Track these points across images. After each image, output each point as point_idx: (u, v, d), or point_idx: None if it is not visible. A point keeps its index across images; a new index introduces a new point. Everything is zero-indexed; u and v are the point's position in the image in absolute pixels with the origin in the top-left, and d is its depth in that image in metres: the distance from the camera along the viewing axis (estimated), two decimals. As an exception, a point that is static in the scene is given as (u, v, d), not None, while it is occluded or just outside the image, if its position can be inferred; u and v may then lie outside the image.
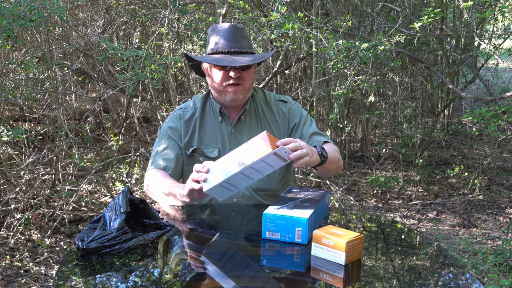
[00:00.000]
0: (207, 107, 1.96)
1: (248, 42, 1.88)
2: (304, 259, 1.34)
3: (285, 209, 1.44)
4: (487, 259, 3.19)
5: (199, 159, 1.88)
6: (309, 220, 1.39)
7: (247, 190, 1.88)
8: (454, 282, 1.25)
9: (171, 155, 1.88)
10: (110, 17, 5.39)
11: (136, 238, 1.36)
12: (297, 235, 1.39)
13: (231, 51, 1.81)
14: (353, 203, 4.55)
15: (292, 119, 1.95)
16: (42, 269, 3.14)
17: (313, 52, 4.24)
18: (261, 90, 2.02)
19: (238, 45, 1.83)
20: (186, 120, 1.93)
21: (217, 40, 1.85)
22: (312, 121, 2.00)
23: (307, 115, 1.98)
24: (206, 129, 1.92)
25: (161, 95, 5.40)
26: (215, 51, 1.84)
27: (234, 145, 1.88)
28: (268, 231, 1.42)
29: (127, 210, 1.37)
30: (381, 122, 6.31)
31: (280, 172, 1.95)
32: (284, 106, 1.97)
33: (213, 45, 1.86)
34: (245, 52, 1.83)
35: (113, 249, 1.31)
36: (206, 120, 1.93)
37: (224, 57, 1.81)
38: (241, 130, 1.91)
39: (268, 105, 1.97)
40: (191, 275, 1.24)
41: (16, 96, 3.82)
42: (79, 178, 4.29)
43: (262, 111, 1.96)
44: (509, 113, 3.59)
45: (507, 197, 4.77)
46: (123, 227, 1.35)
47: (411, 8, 4.96)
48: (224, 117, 1.92)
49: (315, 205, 1.48)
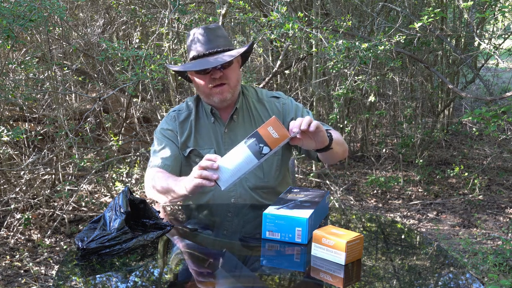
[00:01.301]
0: (200, 109, 1.96)
1: (225, 40, 1.86)
2: (304, 259, 1.34)
3: (285, 209, 1.44)
4: (487, 259, 3.19)
5: (196, 160, 1.88)
6: (309, 220, 1.39)
7: (244, 189, 1.88)
8: (454, 282, 1.25)
9: (168, 153, 1.88)
10: (110, 17, 5.39)
11: (136, 238, 1.36)
12: (297, 235, 1.39)
13: (207, 53, 1.80)
14: (353, 203, 4.55)
15: (288, 114, 1.94)
16: (42, 269, 3.14)
17: (313, 52, 4.24)
18: (252, 88, 2.01)
19: (214, 45, 1.81)
20: (181, 121, 1.93)
21: (193, 46, 1.84)
22: (309, 112, 1.99)
23: (303, 108, 1.97)
24: (201, 130, 1.92)
25: (161, 95, 5.40)
26: (192, 57, 1.84)
27: (228, 145, 1.88)
28: (268, 231, 1.42)
29: (127, 210, 1.37)
30: (381, 122, 6.31)
31: (276, 167, 1.94)
32: (277, 102, 1.96)
33: (190, 52, 1.86)
34: (221, 51, 1.81)
35: (113, 249, 1.31)
36: (200, 121, 1.93)
37: (202, 61, 1.80)
38: (234, 129, 1.91)
39: (261, 102, 1.96)
40: (191, 275, 1.24)
41: (16, 96, 3.83)
42: (79, 178, 4.29)
43: (254, 109, 1.95)
44: (509, 113, 3.59)
45: (507, 197, 4.77)
46: (123, 227, 1.35)
47: (411, 8, 4.96)
48: (216, 118, 1.92)
49: (315, 205, 1.48)
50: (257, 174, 1.89)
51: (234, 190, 1.87)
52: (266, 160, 1.85)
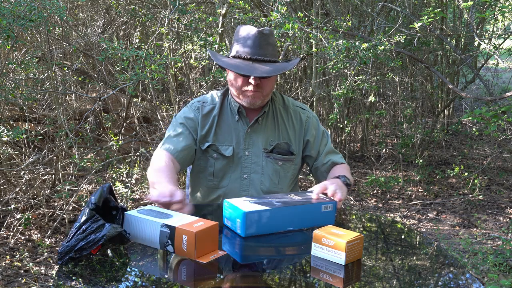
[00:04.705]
0: (225, 104, 1.95)
1: (273, 49, 1.86)
2: (304, 259, 1.34)
3: (249, 202, 1.48)
4: (487, 259, 3.19)
5: (213, 156, 1.89)
6: (253, 215, 1.41)
7: (257, 192, 1.90)
8: (454, 282, 1.25)
9: (182, 143, 1.86)
10: (110, 17, 5.39)
11: (110, 225, 1.29)
12: (238, 226, 1.43)
13: (254, 58, 1.80)
14: (353, 203, 4.55)
15: (309, 131, 1.96)
16: (42, 269, 3.14)
17: (313, 52, 4.24)
18: (279, 94, 2.02)
19: (262, 52, 1.81)
20: (204, 114, 1.92)
21: (241, 44, 1.83)
22: (328, 137, 2.01)
23: (323, 131, 2.00)
24: (223, 126, 1.92)
25: (161, 95, 5.40)
26: (237, 56, 1.83)
27: (248, 145, 1.89)
28: (225, 218, 1.50)
29: (97, 203, 1.33)
30: (381, 122, 6.31)
31: (292, 175, 1.97)
32: (302, 113, 1.98)
33: (237, 49, 1.85)
34: (267, 61, 1.82)
35: (89, 240, 1.26)
36: (223, 117, 1.93)
37: (246, 64, 1.80)
38: (257, 131, 1.92)
39: (286, 109, 1.98)
40: (191, 275, 1.24)
41: (16, 96, 3.82)
42: (79, 178, 4.29)
43: (280, 115, 1.96)
44: (509, 113, 3.59)
45: (507, 197, 4.77)
46: (93, 215, 1.29)
47: (411, 8, 4.96)
48: (242, 117, 1.92)
49: (287, 206, 1.47)
50: (273, 179, 1.91)
51: (246, 190, 1.90)
52: (283, 167, 1.93)
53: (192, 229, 1.27)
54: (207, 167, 1.90)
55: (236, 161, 1.89)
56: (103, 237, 1.27)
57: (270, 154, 1.90)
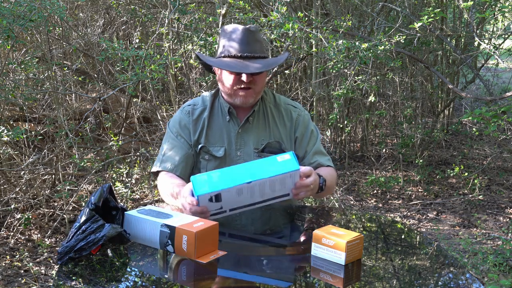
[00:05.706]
0: (215, 105, 1.95)
1: (261, 46, 1.86)
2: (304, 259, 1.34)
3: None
4: (487, 259, 3.19)
5: (205, 157, 1.88)
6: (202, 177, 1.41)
7: None
8: (454, 282, 1.25)
9: (178, 155, 1.87)
10: (110, 17, 5.39)
11: (110, 225, 1.30)
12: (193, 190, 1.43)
13: (244, 55, 1.80)
14: (353, 203, 4.55)
15: (298, 128, 1.94)
16: (42, 269, 3.14)
17: (313, 52, 4.24)
18: (271, 92, 2.01)
19: (251, 49, 1.81)
20: (195, 118, 1.92)
21: (229, 43, 1.83)
22: (318, 136, 1.98)
23: (312, 130, 1.97)
24: (214, 127, 1.91)
25: (161, 95, 5.40)
26: (227, 55, 1.82)
27: (240, 145, 1.88)
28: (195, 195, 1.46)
29: (96, 203, 1.33)
30: (381, 122, 6.31)
31: None
32: (293, 111, 1.96)
33: (225, 48, 1.84)
34: (257, 57, 1.81)
35: (89, 241, 1.26)
36: (214, 118, 1.93)
37: (236, 62, 1.79)
38: (248, 131, 1.91)
39: (278, 108, 1.97)
40: (191, 275, 1.24)
41: (16, 96, 3.83)
42: (79, 178, 4.29)
43: (271, 113, 1.95)
44: (509, 113, 3.59)
45: (507, 197, 4.77)
46: (93, 216, 1.30)
47: (411, 8, 4.96)
48: (232, 117, 1.91)
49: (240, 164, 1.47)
50: None
51: None
52: None
53: (192, 229, 1.27)
54: (200, 169, 1.90)
55: (228, 162, 1.87)
56: (102, 237, 1.27)
57: (261, 153, 1.88)
